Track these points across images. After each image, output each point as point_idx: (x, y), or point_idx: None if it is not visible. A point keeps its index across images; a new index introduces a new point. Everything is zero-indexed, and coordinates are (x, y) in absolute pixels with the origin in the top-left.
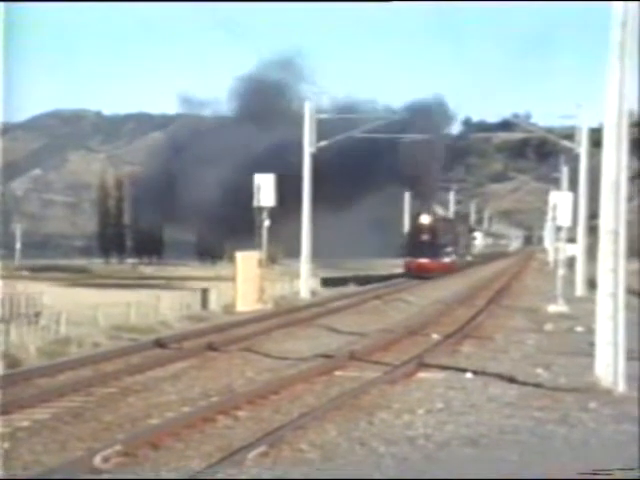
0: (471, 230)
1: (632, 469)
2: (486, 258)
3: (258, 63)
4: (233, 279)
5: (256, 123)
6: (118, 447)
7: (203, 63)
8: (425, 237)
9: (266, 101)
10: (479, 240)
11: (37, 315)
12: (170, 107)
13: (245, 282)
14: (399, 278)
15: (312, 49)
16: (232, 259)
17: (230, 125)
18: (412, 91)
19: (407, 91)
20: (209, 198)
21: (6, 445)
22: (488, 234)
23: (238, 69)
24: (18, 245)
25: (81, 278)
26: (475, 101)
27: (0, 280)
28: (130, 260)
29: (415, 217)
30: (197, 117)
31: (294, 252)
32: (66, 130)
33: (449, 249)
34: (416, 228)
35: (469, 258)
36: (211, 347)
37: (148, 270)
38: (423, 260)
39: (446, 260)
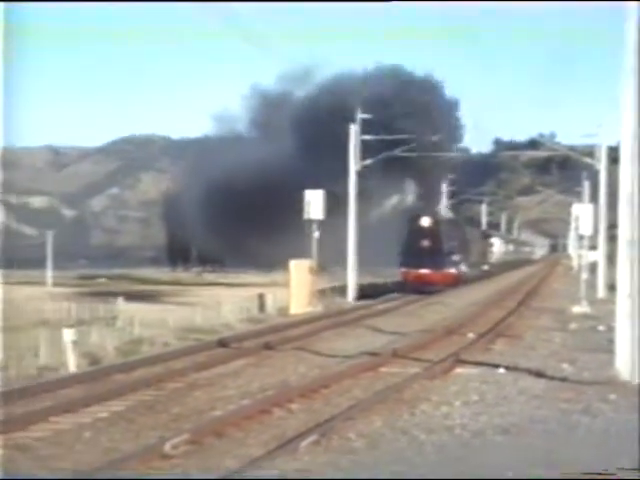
0: (487, 236)
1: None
2: (507, 266)
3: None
4: (287, 285)
5: (307, 146)
6: (186, 436)
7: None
8: (425, 243)
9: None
10: (498, 247)
11: (114, 318)
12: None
13: (297, 287)
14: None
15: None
16: (286, 267)
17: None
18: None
19: None
20: (261, 211)
21: (87, 434)
22: (509, 240)
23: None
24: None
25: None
26: (505, 122)
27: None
28: (195, 269)
29: (413, 219)
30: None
31: (340, 261)
32: (139, 153)
33: (455, 257)
34: (414, 233)
35: (485, 267)
36: (267, 346)
37: (211, 277)
38: (423, 270)
39: (451, 270)
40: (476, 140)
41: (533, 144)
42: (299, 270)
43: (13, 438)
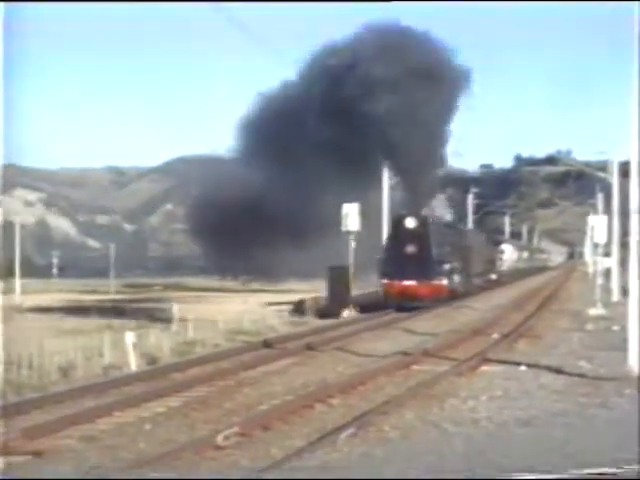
0: (497, 242)
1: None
2: (520, 275)
3: None
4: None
5: None
6: (236, 428)
7: None
8: (410, 249)
9: None
10: (509, 254)
11: (170, 322)
12: None
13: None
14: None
15: None
16: (325, 275)
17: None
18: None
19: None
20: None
21: (147, 427)
22: (523, 248)
23: None
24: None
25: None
26: (525, 140)
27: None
28: (241, 277)
29: (397, 221)
30: None
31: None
32: (192, 172)
33: (447, 266)
34: (398, 237)
35: (493, 276)
36: (309, 347)
37: (256, 285)
38: (407, 282)
39: (441, 282)
40: (498, 156)
41: (551, 160)
42: (338, 277)
43: (82, 430)
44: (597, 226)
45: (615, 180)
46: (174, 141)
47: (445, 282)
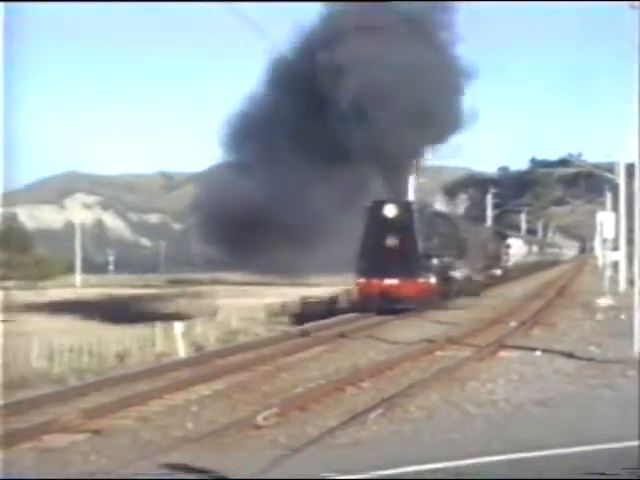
0: (503, 236)
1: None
2: (529, 270)
3: None
4: None
5: None
6: (275, 409)
7: None
8: (392, 242)
9: None
10: (517, 249)
11: (215, 314)
12: None
13: None
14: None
15: None
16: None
17: None
18: (482, 129)
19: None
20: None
21: (194, 408)
22: (533, 242)
23: None
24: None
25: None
26: (539, 144)
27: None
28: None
29: (375, 208)
30: None
31: None
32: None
33: (437, 261)
34: (377, 227)
35: (498, 272)
36: (342, 335)
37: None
38: (388, 281)
39: (429, 280)
40: (515, 159)
41: (563, 162)
42: None
43: (138, 411)
44: (606, 222)
45: (622, 180)
46: (216, 148)
47: (433, 280)
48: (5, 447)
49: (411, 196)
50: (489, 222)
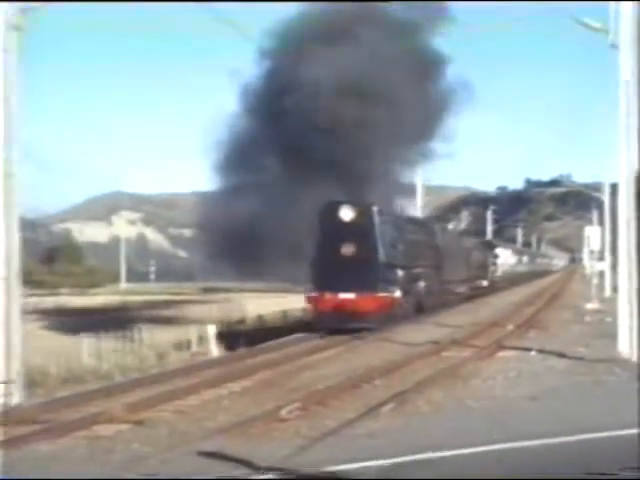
0: (491, 246)
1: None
2: (519, 280)
3: None
4: None
5: None
6: (297, 404)
7: None
8: (348, 249)
9: None
10: (505, 259)
11: (242, 321)
12: None
13: None
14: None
15: None
16: None
17: None
18: (482, 153)
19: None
20: None
21: (225, 402)
22: (522, 252)
23: None
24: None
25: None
26: (533, 166)
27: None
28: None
29: (329, 211)
30: None
31: None
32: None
33: (401, 272)
34: (331, 232)
35: (484, 283)
36: (357, 337)
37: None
38: (344, 295)
39: (392, 294)
40: (511, 180)
41: (555, 182)
42: None
43: (175, 405)
44: (592, 236)
45: (606, 198)
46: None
47: (398, 293)
48: (60, 435)
49: (418, 213)
50: (489, 235)
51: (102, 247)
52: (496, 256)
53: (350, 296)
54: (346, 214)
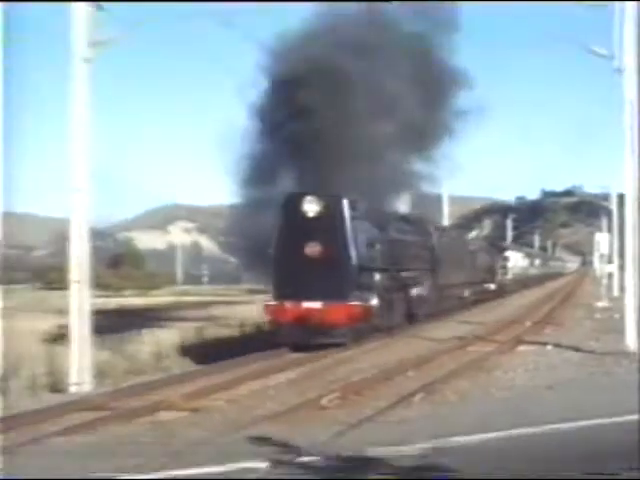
0: (501, 249)
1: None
2: (531, 283)
3: None
4: None
5: None
6: (336, 394)
7: None
8: (312, 249)
9: None
10: (516, 261)
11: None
12: None
13: None
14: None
15: None
16: None
17: None
18: (503, 166)
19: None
20: None
21: (271, 392)
22: (534, 255)
23: None
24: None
25: None
26: (549, 178)
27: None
28: None
29: (290, 204)
30: None
31: None
32: None
33: (378, 276)
34: (292, 229)
35: (491, 287)
36: (390, 334)
37: None
38: (308, 304)
39: (367, 302)
40: (529, 190)
41: (568, 193)
42: None
43: (226, 394)
44: (601, 241)
45: (614, 207)
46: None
47: (375, 302)
48: (127, 420)
49: (445, 222)
50: (509, 241)
51: (160, 253)
52: (506, 259)
53: (315, 305)
54: (310, 207)
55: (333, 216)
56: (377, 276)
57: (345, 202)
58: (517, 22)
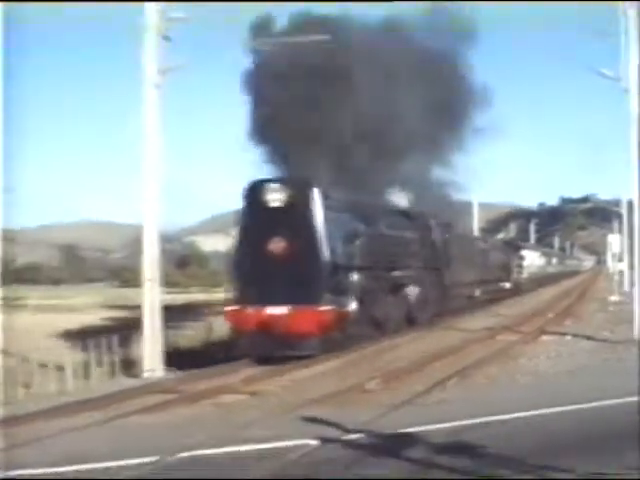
0: (516, 248)
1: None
2: (548, 280)
3: None
4: None
5: None
6: (378, 379)
7: None
8: (277, 245)
9: None
10: (531, 261)
11: None
12: None
13: None
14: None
15: None
16: None
17: None
18: (526, 175)
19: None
20: None
21: (319, 378)
22: (550, 254)
23: None
24: None
25: None
26: (567, 186)
27: None
28: None
29: (252, 194)
30: None
31: None
32: None
33: (356, 277)
34: (255, 221)
35: (506, 285)
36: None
37: None
38: (273, 309)
39: (343, 307)
40: (550, 197)
41: (584, 199)
42: None
43: (280, 380)
44: (613, 242)
45: (624, 212)
46: None
47: (353, 306)
48: (193, 402)
49: (475, 229)
50: (531, 242)
51: (222, 254)
52: (522, 257)
53: (281, 310)
54: (274, 196)
55: (301, 206)
56: (357, 276)
57: (316, 189)
58: (536, 46)
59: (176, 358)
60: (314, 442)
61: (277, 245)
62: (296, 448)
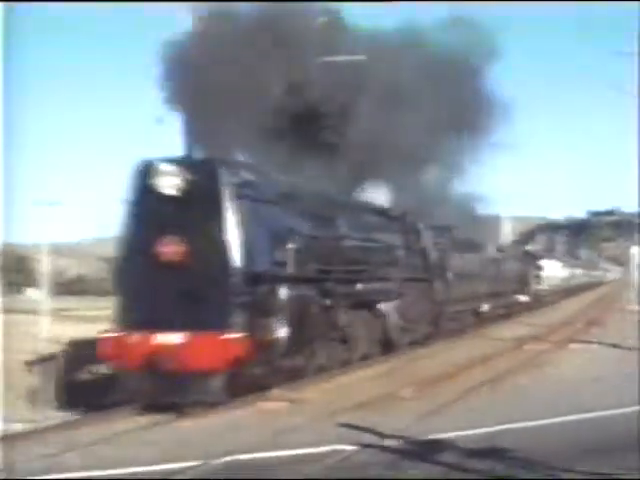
0: (534, 257)
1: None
2: (571, 292)
3: None
4: None
5: None
6: (414, 387)
7: None
8: (171, 249)
9: None
10: (552, 271)
11: None
12: None
13: None
14: None
15: None
16: None
17: None
18: (555, 190)
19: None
20: None
21: (357, 386)
22: (575, 265)
23: None
24: None
25: None
26: (594, 200)
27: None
28: None
29: (139, 178)
30: None
31: None
32: None
33: (292, 291)
34: (142, 216)
35: (522, 298)
36: (461, 333)
37: None
38: (164, 337)
39: (265, 334)
40: (577, 210)
41: (610, 213)
42: None
43: (320, 388)
44: (637, 254)
45: None
46: None
47: (282, 333)
48: (235, 408)
49: (503, 240)
50: (560, 253)
51: None
52: (539, 267)
53: (174, 339)
54: (167, 181)
55: (204, 193)
56: (289, 291)
57: (223, 171)
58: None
59: None
60: (351, 447)
61: (169, 247)
62: (334, 453)
